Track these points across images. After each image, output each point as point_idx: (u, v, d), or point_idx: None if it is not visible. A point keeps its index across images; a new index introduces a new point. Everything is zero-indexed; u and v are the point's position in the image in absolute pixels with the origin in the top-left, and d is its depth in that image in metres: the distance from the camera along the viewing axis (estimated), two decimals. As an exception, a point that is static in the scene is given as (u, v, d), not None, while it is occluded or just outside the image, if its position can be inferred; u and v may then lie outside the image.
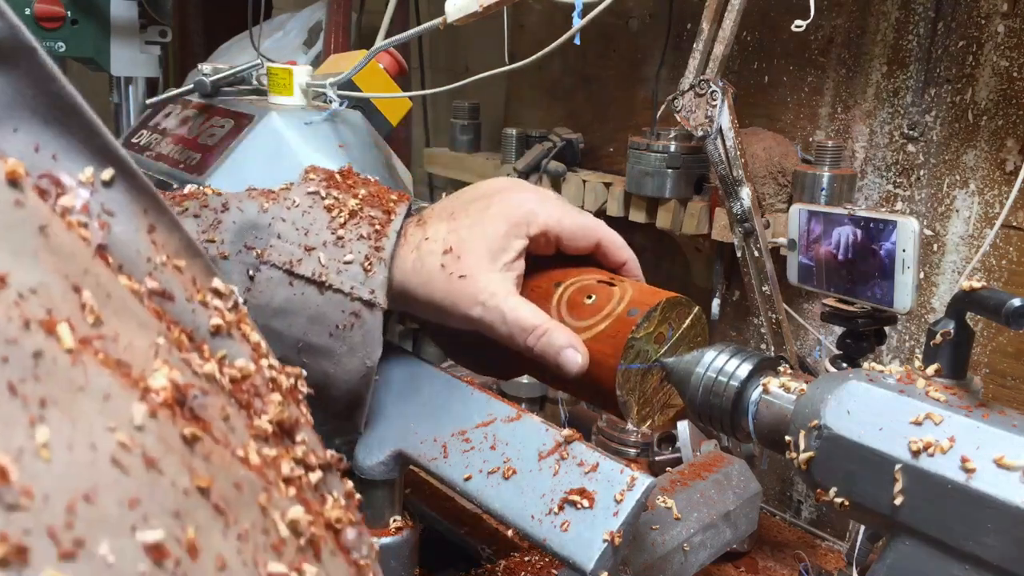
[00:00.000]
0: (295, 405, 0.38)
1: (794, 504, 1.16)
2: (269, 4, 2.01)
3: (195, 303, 0.35)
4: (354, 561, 0.35)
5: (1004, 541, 0.38)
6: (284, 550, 0.27)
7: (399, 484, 0.63)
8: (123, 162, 0.34)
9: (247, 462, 0.28)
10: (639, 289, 0.57)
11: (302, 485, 0.33)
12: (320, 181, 0.62)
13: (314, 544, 0.30)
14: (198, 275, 0.37)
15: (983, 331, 0.96)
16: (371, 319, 0.57)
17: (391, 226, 0.58)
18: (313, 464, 0.36)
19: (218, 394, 0.31)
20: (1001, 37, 0.92)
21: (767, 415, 0.50)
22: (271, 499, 0.28)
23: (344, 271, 0.57)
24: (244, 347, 0.37)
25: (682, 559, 0.64)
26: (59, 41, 1.48)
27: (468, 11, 0.83)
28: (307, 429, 0.38)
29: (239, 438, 0.30)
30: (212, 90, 1.01)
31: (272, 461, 0.31)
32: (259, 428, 0.32)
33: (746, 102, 1.15)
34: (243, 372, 0.35)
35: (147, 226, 0.34)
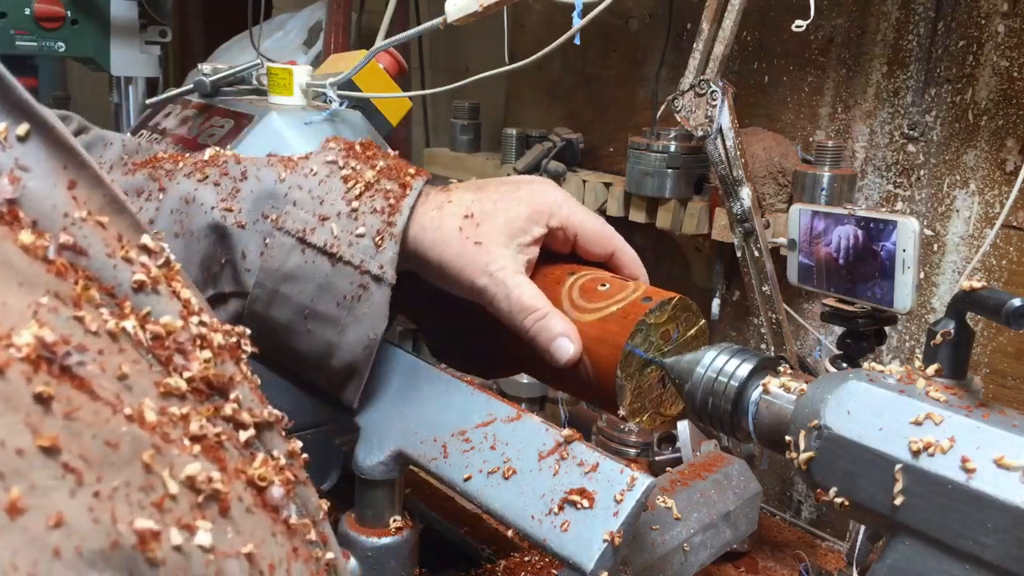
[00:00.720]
0: (232, 363, 0.38)
1: (794, 504, 1.16)
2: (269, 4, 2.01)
3: (117, 259, 0.35)
4: (284, 519, 0.35)
5: (1004, 541, 0.38)
6: (168, 506, 0.27)
7: (399, 484, 0.63)
8: (40, 117, 0.33)
9: (138, 419, 0.28)
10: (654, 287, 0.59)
11: (221, 442, 0.33)
12: (340, 151, 0.62)
13: (220, 500, 0.30)
14: (124, 231, 0.37)
15: (983, 331, 0.96)
16: (378, 293, 0.58)
17: (405, 201, 0.59)
18: (246, 422, 0.36)
19: (119, 352, 0.31)
20: (1001, 37, 0.92)
21: (767, 415, 0.50)
22: (161, 456, 0.28)
23: (356, 243, 0.57)
24: (172, 304, 0.37)
25: (682, 559, 0.64)
26: (59, 41, 1.48)
27: (468, 11, 0.83)
28: (243, 387, 0.38)
29: (135, 396, 0.30)
30: (212, 90, 1.01)
31: (180, 418, 0.31)
32: (169, 385, 0.32)
33: (746, 102, 1.15)
34: (167, 328, 0.35)
35: (67, 182, 0.34)
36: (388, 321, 0.59)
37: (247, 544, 0.30)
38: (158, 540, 0.25)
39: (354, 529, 0.63)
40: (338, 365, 0.60)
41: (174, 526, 0.26)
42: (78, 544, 0.23)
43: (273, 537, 0.33)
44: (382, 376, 0.65)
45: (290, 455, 0.40)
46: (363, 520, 0.63)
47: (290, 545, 0.34)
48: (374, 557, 0.62)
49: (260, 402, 0.39)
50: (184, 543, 0.26)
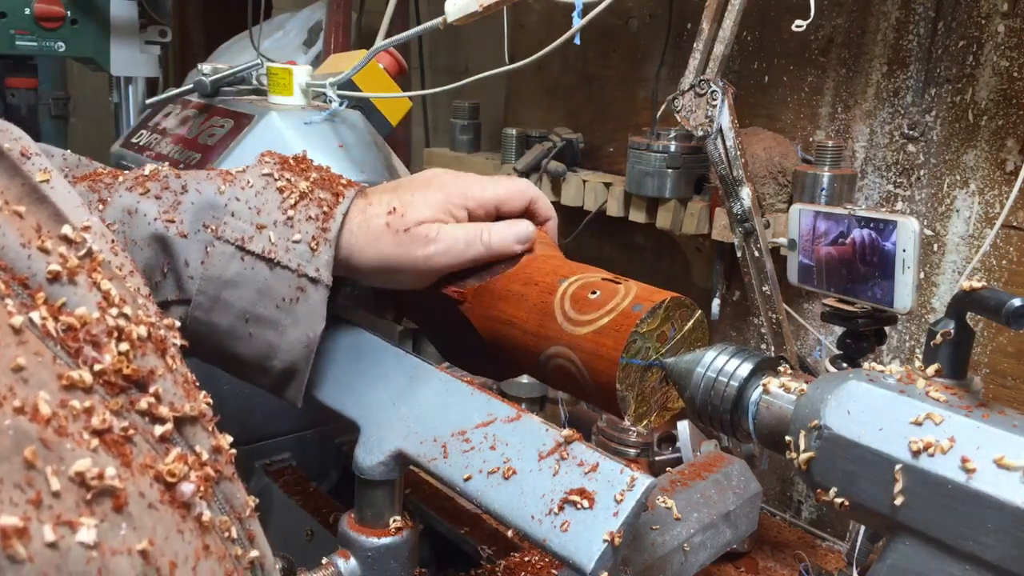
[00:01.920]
0: (156, 356, 0.38)
1: (794, 504, 1.16)
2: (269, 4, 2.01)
3: (32, 249, 0.35)
4: (195, 516, 0.34)
5: (1004, 541, 0.38)
6: (48, 503, 0.27)
7: (399, 484, 0.63)
8: None
9: (29, 412, 0.28)
10: (643, 288, 0.58)
11: (128, 436, 0.33)
12: (275, 164, 0.64)
13: (115, 496, 0.29)
14: (44, 221, 0.37)
15: (983, 331, 0.96)
16: (315, 294, 0.60)
17: (339, 208, 0.61)
18: (164, 416, 0.36)
19: (18, 344, 0.30)
20: (1001, 37, 0.92)
21: (767, 415, 0.50)
22: (48, 451, 0.28)
23: (292, 249, 0.60)
24: (90, 295, 0.36)
25: (682, 559, 0.64)
26: (59, 41, 1.48)
27: (468, 11, 0.83)
28: (165, 380, 0.38)
29: (31, 388, 0.29)
30: (212, 90, 1.01)
31: (83, 411, 0.31)
32: (72, 378, 0.32)
33: (746, 102, 1.15)
34: (81, 320, 0.35)
35: None
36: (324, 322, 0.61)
37: (143, 540, 0.30)
38: (24, 536, 0.25)
39: (354, 529, 0.63)
40: (280, 366, 0.63)
41: (50, 523, 0.26)
42: None
43: (180, 534, 0.33)
44: (382, 376, 0.65)
45: (215, 450, 0.39)
46: (363, 520, 0.63)
47: (200, 542, 0.34)
48: (374, 557, 0.62)
49: (186, 396, 0.39)
50: (60, 540, 0.26)
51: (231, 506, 0.39)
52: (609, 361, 0.54)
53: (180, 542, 0.32)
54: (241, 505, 0.40)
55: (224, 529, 0.37)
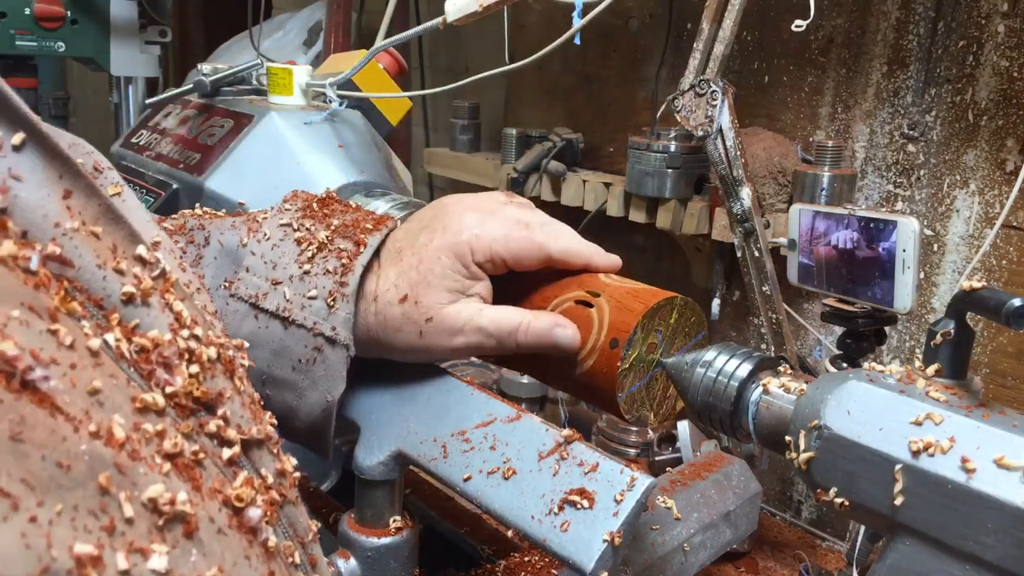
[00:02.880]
0: (224, 377, 0.38)
1: (794, 504, 1.16)
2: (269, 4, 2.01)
3: (108, 270, 0.35)
4: (262, 542, 0.34)
5: (1004, 541, 0.38)
6: (121, 529, 0.26)
7: (399, 484, 0.63)
8: (35, 127, 0.33)
9: (104, 436, 0.28)
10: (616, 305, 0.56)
11: (198, 460, 0.33)
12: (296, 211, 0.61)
13: (185, 522, 0.29)
14: (119, 242, 0.37)
15: (983, 331, 0.96)
16: (333, 355, 0.57)
17: (358, 260, 0.57)
18: (232, 439, 0.36)
19: (94, 366, 0.30)
20: (1001, 37, 0.92)
21: (767, 415, 0.50)
22: (122, 476, 0.28)
23: (308, 306, 0.57)
24: (162, 316, 0.36)
25: (682, 559, 0.64)
26: (59, 41, 1.48)
27: (468, 11, 0.83)
28: (233, 403, 0.37)
29: (106, 411, 0.29)
30: (212, 90, 1.01)
31: (155, 435, 0.31)
32: (145, 401, 0.32)
33: (746, 102, 1.15)
34: (154, 341, 0.35)
35: (62, 191, 0.34)
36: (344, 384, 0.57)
37: (212, 567, 0.30)
38: (99, 565, 0.25)
39: (354, 529, 0.63)
40: (301, 427, 0.60)
41: (123, 550, 0.26)
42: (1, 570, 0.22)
43: (247, 560, 0.32)
44: (382, 376, 0.65)
45: (280, 474, 0.39)
46: (363, 520, 0.63)
47: (266, 569, 0.34)
48: (374, 557, 0.62)
49: (253, 419, 0.39)
50: (132, 568, 0.26)
51: (294, 531, 0.39)
52: (609, 398, 0.55)
53: (247, 568, 0.32)
54: (304, 530, 0.40)
55: (288, 554, 0.37)
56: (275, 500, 0.37)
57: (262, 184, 0.87)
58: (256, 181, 0.87)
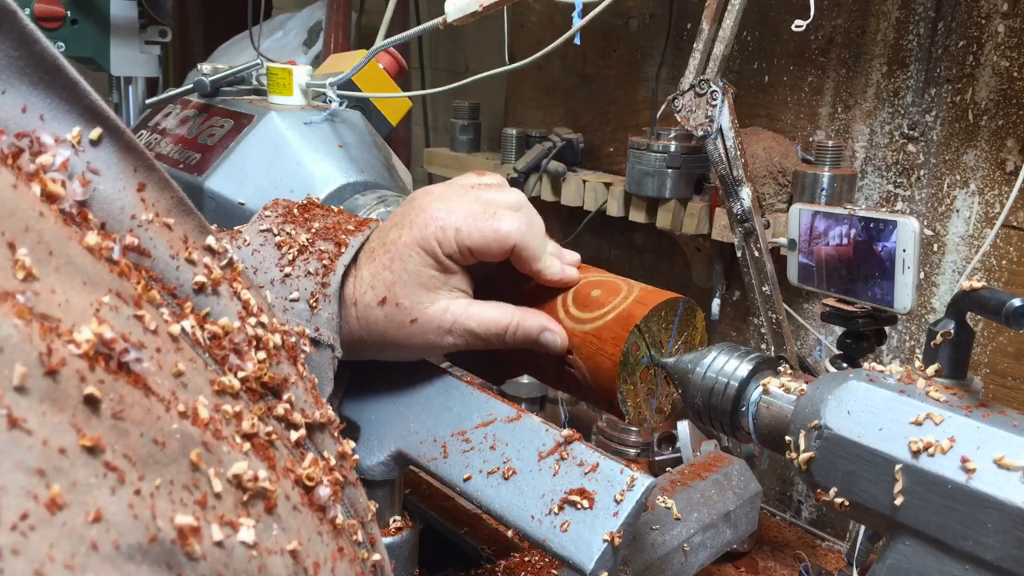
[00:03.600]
0: (288, 363, 0.39)
1: (794, 504, 1.16)
2: (269, 4, 2.01)
3: (180, 260, 0.36)
4: (330, 519, 0.36)
5: (1004, 541, 0.38)
6: (212, 503, 0.28)
7: (399, 484, 0.63)
8: (111, 122, 0.35)
9: (191, 416, 0.29)
10: (646, 289, 0.58)
11: (271, 441, 0.34)
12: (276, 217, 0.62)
13: (266, 498, 0.30)
14: (190, 233, 0.38)
15: (983, 331, 0.96)
16: (318, 357, 0.56)
17: (340, 260, 0.57)
18: (298, 422, 0.38)
19: (176, 351, 0.32)
20: (1001, 37, 0.92)
21: (767, 415, 0.50)
22: (209, 454, 0.29)
23: (290, 308, 0.56)
24: (232, 305, 0.38)
25: (682, 559, 0.64)
26: (59, 41, 1.47)
27: (468, 11, 0.83)
28: (298, 388, 0.39)
29: (190, 393, 0.30)
30: (212, 90, 1.01)
31: (233, 416, 0.32)
32: (223, 384, 0.33)
33: (746, 102, 1.15)
34: (225, 329, 0.36)
35: (136, 184, 0.36)
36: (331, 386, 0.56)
37: (292, 541, 0.31)
38: (198, 536, 0.26)
39: (354, 529, 0.63)
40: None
41: (216, 523, 0.27)
42: (116, 538, 0.23)
43: (319, 536, 0.34)
44: (382, 376, 0.65)
45: (341, 456, 0.40)
46: (363, 520, 0.63)
47: (336, 544, 0.35)
48: (374, 557, 0.62)
49: (315, 403, 0.40)
50: (226, 539, 0.27)
51: (355, 510, 0.40)
52: (609, 359, 0.55)
53: (320, 544, 0.33)
54: (363, 509, 0.41)
55: (352, 532, 0.38)
56: (339, 480, 0.38)
57: (262, 184, 0.87)
58: (256, 181, 0.87)
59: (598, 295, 0.58)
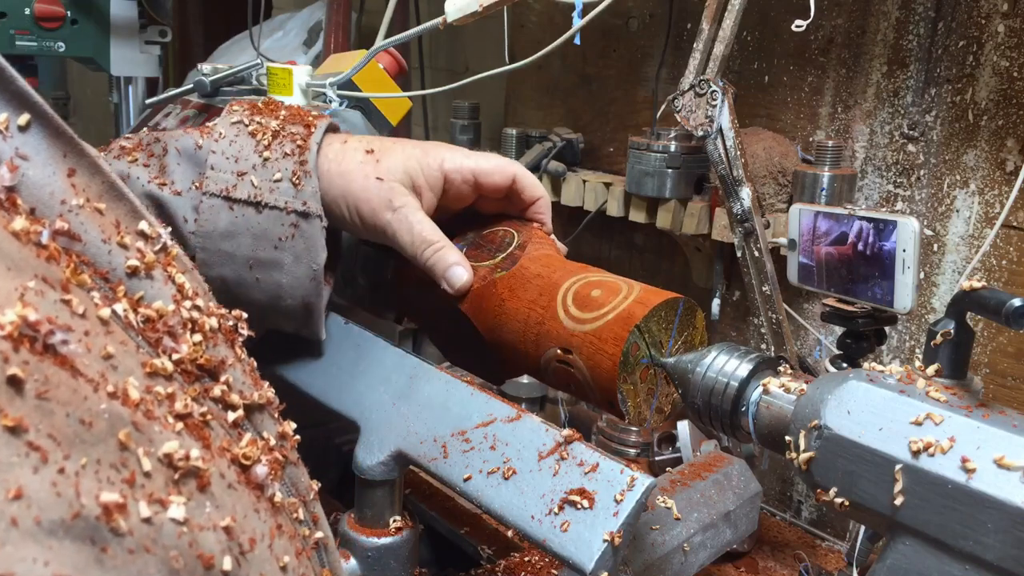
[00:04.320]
0: (226, 346, 0.40)
1: (794, 504, 1.16)
2: (269, 4, 2.01)
3: (112, 244, 0.37)
4: (268, 497, 0.36)
5: (1004, 541, 0.38)
6: (140, 482, 0.28)
7: (399, 484, 0.63)
8: (40, 107, 0.35)
9: (121, 396, 0.30)
10: (647, 289, 0.58)
11: (206, 421, 0.35)
12: (244, 111, 0.65)
13: (199, 476, 0.31)
14: (122, 217, 0.38)
15: (983, 331, 0.96)
16: (309, 227, 0.61)
17: (312, 139, 0.63)
18: (235, 403, 0.38)
19: (106, 334, 0.32)
20: (1001, 37, 0.92)
21: (767, 415, 0.50)
22: (139, 433, 0.29)
23: (276, 188, 0.61)
24: (166, 288, 0.38)
25: (682, 559, 0.64)
26: (59, 41, 1.47)
27: (468, 11, 0.83)
28: (235, 370, 0.40)
29: (120, 374, 0.31)
30: (212, 90, 1.01)
31: (166, 397, 0.33)
32: (155, 366, 0.34)
33: (746, 102, 1.15)
34: (159, 312, 0.37)
35: (66, 170, 0.36)
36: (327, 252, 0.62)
37: (226, 518, 0.31)
38: (124, 512, 0.26)
39: (354, 529, 0.63)
40: (293, 304, 0.64)
41: (144, 500, 0.28)
42: (37, 515, 0.24)
43: (256, 513, 0.34)
44: (382, 376, 0.65)
45: (281, 436, 0.41)
46: (363, 520, 0.63)
47: (274, 521, 0.36)
48: (374, 557, 0.62)
49: (254, 385, 0.41)
50: (154, 516, 0.28)
51: (296, 489, 0.41)
52: (609, 361, 0.55)
53: (257, 520, 0.34)
54: (305, 488, 0.42)
55: (292, 510, 0.39)
56: (278, 460, 0.39)
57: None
58: (256, 181, 0.87)
59: (598, 295, 0.58)
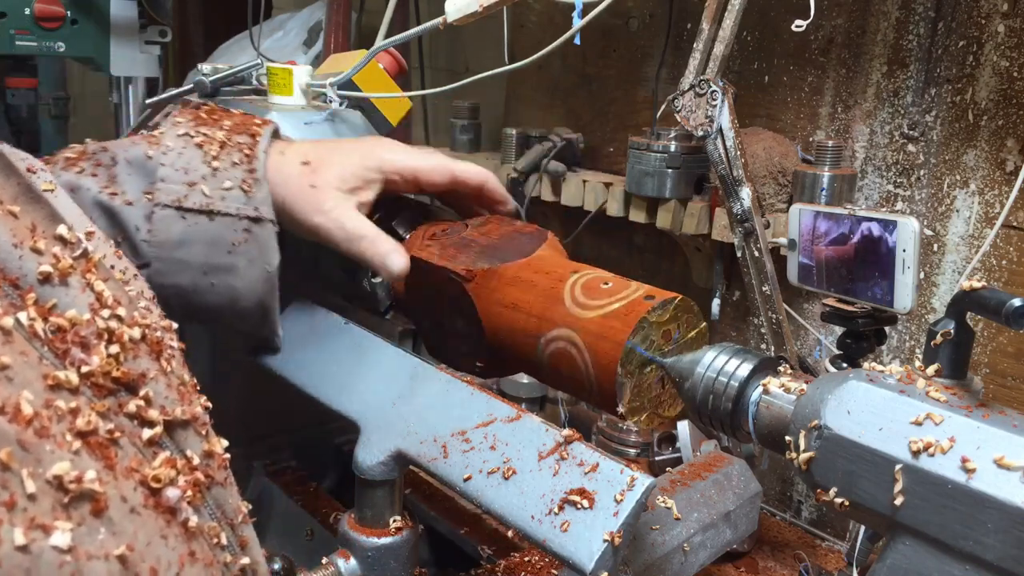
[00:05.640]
0: (149, 358, 0.38)
1: (794, 504, 1.16)
2: (269, 4, 2.01)
3: (24, 249, 0.35)
4: (181, 522, 0.34)
5: (1004, 541, 0.38)
6: (22, 505, 0.26)
7: (399, 484, 0.63)
8: None
9: (11, 412, 0.28)
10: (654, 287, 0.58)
11: (115, 439, 0.33)
12: (188, 122, 0.67)
13: (94, 500, 0.29)
14: (39, 221, 0.37)
15: (983, 331, 0.96)
16: (261, 232, 0.63)
17: (258, 147, 0.65)
18: (153, 419, 0.36)
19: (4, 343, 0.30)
20: (1001, 37, 0.92)
21: (767, 415, 0.50)
22: (25, 453, 0.28)
23: (227, 196, 0.63)
24: (82, 296, 0.36)
25: (682, 559, 0.64)
26: (59, 41, 1.47)
27: (468, 11, 0.83)
28: (158, 383, 0.37)
29: (15, 387, 0.29)
30: (212, 90, 1.01)
31: (68, 412, 0.31)
32: (58, 379, 0.32)
33: (746, 102, 1.15)
34: (72, 321, 0.35)
35: None
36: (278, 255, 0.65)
37: (120, 546, 0.29)
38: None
39: (354, 529, 0.63)
40: (249, 305, 0.65)
41: (22, 526, 0.26)
42: None
43: (163, 540, 0.32)
44: (382, 376, 0.65)
45: (207, 455, 0.39)
46: (363, 520, 0.63)
47: (186, 548, 0.34)
48: (374, 557, 0.62)
49: (179, 399, 0.38)
50: (31, 543, 0.26)
51: (222, 512, 0.38)
52: (614, 343, 0.55)
53: (164, 548, 0.32)
54: (233, 511, 0.39)
55: (213, 535, 0.37)
56: (200, 481, 0.37)
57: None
58: (256, 181, 0.87)
59: (608, 287, 0.59)
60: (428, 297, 0.69)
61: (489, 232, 0.69)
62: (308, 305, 0.76)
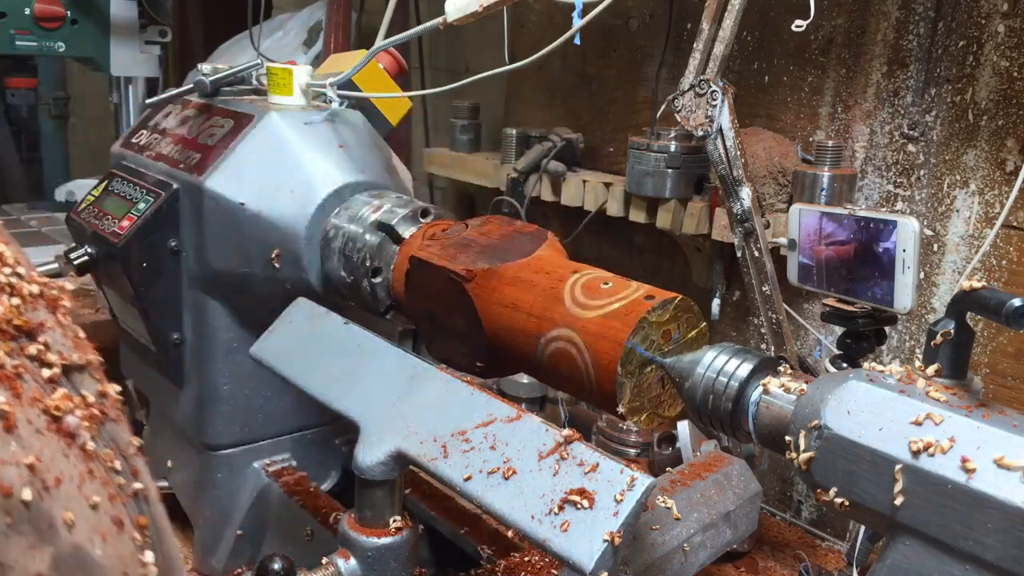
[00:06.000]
0: (47, 311, 0.43)
1: (794, 504, 1.16)
2: (269, 4, 2.01)
3: None
4: (80, 445, 0.39)
5: (1004, 541, 0.38)
6: None
7: (399, 484, 0.63)
8: None
9: None
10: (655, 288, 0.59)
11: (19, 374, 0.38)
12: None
13: (5, 418, 0.34)
14: None
15: (983, 331, 0.96)
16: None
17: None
18: (52, 362, 0.41)
19: None
20: (1001, 37, 0.92)
21: (767, 415, 0.50)
22: None
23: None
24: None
25: (682, 559, 0.64)
26: (59, 41, 1.48)
27: (468, 11, 0.83)
28: (55, 333, 0.43)
29: None
30: (212, 90, 1.01)
31: None
32: None
33: (746, 102, 1.15)
34: None
35: None
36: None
37: (29, 456, 0.34)
38: None
39: (354, 529, 0.63)
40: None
41: None
42: None
43: (65, 457, 0.37)
44: (382, 376, 0.65)
45: (101, 395, 0.44)
46: (363, 520, 0.63)
47: (85, 467, 0.38)
48: (374, 557, 0.62)
49: (75, 347, 0.44)
50: None
51: (116, 444, 0.44)
52: (614, 343, 0.55)
53: (65, 463, 0.37)
54: (125, 444, 0.44)
55: (108, 460, 0.42)
56: (95, 415, 0.42)
57: (262, 184, 0.87)
58: (256, 181, 0.87)
59: (608, 287, 0.59)
60: (428, 297, 0.69)
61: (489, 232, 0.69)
62: (308, 305, 0.76)
